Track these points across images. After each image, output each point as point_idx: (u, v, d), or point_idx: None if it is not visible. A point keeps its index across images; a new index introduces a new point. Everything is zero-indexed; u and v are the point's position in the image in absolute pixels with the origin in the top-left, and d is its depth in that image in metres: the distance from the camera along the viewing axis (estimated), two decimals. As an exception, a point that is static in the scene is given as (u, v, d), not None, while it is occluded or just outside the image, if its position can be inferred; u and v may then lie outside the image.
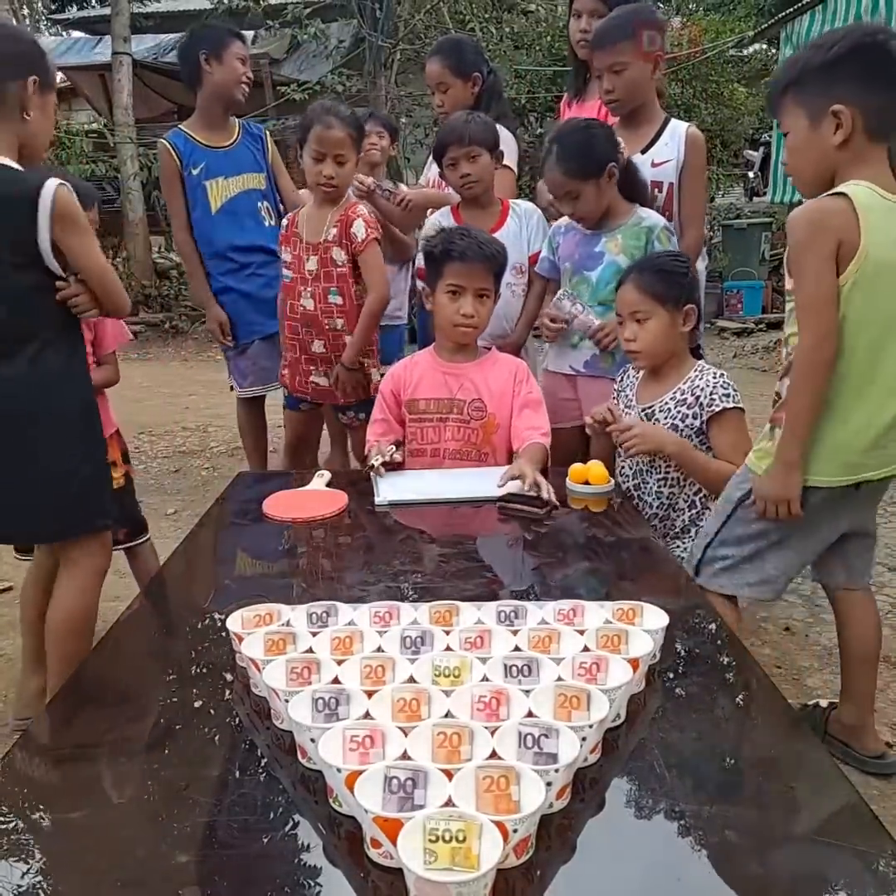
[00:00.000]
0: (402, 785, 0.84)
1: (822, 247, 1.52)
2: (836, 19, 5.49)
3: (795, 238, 1.58)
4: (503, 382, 2.15)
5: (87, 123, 9.45)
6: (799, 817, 0.92)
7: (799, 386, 1.61)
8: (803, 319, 1.58)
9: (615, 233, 2.33)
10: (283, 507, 1.85)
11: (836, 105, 1.51)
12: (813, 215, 1.55)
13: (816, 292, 1.54)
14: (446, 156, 2.51)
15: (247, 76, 3.05)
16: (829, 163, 1.57)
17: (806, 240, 1.55)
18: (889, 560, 3.09)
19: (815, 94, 1.54)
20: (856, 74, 1.50)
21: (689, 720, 1.11)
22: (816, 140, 1.56)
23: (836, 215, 1.52)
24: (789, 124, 1.60)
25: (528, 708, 0.96)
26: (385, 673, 1.05)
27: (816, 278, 1.54)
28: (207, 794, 0.96)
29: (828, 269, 1.53)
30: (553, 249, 2.49)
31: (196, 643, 1.34)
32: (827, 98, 1.52)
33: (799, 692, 2.29)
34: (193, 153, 3.02)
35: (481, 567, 1.57)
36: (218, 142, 3.07)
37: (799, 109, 1.57)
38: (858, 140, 1.53)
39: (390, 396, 2.23)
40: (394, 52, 9.34)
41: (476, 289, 2.10)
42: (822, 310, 1.54)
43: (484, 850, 0.76)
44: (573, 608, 1.21)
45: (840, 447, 1.64)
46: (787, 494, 1.66)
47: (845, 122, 1.51)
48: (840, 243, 1.52)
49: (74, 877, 0.86)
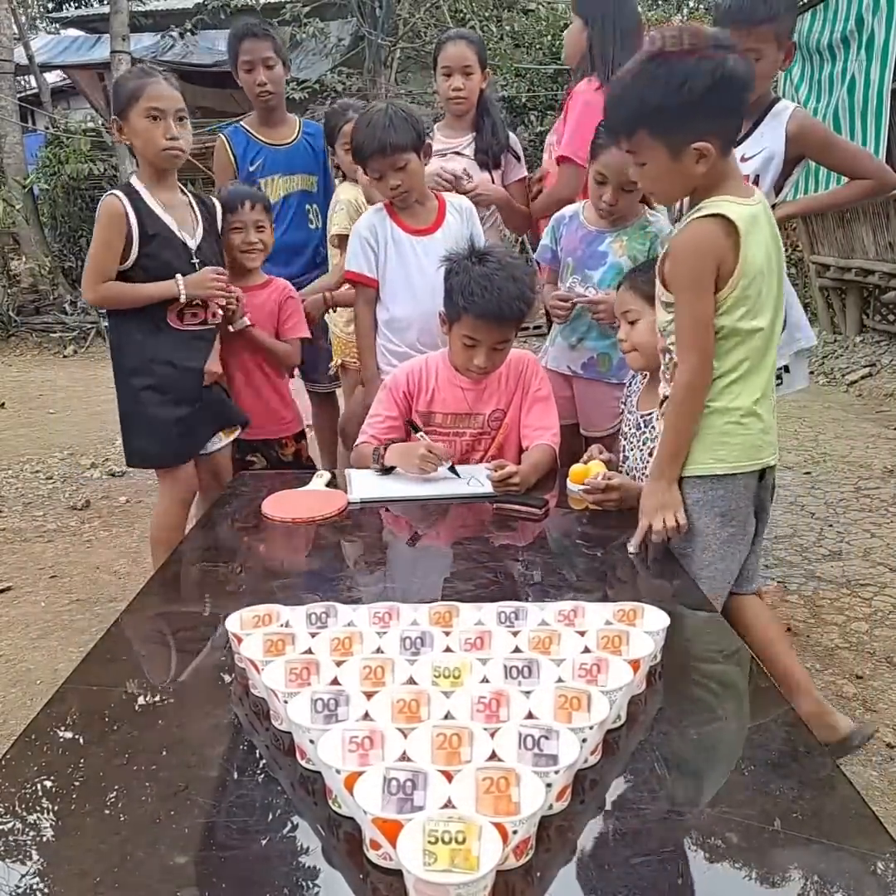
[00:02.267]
0: (401, 786, 0.84)
1: (703, 273, 1.55)
2: (838, 18, 5.49)
3: (679, 263, 1.59)
4: (514, 381, 2.13)
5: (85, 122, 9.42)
6: (799, 818, 0.92)
7: (681, 409, 1.63)
8: (684, 341, 1.60)
9: (621, 234, 2.32)
10: (282, 508, 1.85)
11: (699, 143, 1.49)
12: (694, 243, 1.57)
13: (698, 317, 1.57)
14: (369, 165, 2.33)
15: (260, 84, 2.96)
16: (691, 185, 1.59)
17: (689, 266, 1.57)
18: (889, 560, 3.09)
19: (675, 132, 1.51)
20: (716, 111, 1.49)
21: (689, 721, 1.10)
22: (678, 170, 1.55)
23: (717, 240, 1.54)
24: (646, 157, 1.57)
25: (529, 709, 0.96)
26: (384, 674, 1.05)
27: (700, 303, 1.57)
28: (206, 795, 0.96)
29: (708, 294, 1.56)
30: (555, 238, 2.44)
31: (195, 644, 1.34)
32: (687, 135, 1.50)
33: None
34: (251, 149, 3.04)
35: (481, 567, 1.56)
36: (278, 139, 3.07)
37: (657, 145, 1.53)
38: (717, 162, 1.54)
39: (402, 398, 2.15)
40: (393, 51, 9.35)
41: (493, 343, 2.02)
42: (702, 333, 1.58)
43: (483, 851, 0.76)
44: (574, 609, 1.21)
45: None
46: (673, 503, 1.65)
47: (709, 154, 1.51)
48: (720, 264, 1.55)
49: (73, 878, 0.85)
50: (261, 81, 2.94)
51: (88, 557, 3.39)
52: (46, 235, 9.04)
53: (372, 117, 2.31)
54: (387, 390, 2.18)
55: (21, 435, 5.26)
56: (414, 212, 2.45)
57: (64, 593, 3.05)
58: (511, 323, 2.00)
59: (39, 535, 3.64)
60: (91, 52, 11.85)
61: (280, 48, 3.00)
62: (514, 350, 2.14)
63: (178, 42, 10.08)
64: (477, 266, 1.98)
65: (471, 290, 1.94)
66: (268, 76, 2.94)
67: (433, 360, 2.18)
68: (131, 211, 2.24)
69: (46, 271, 8.65)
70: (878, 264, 5.97)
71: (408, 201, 2.41)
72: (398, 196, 2.38)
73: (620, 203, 2.24)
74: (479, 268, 1.97)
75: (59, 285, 8.76)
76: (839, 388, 5.76)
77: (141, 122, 2.22)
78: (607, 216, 2.30)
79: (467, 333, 2.00)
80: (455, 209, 2.50)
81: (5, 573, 3.22)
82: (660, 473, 1.68)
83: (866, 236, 6.04)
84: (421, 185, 2.42)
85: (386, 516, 1.89)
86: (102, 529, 3.70)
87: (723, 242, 1.54)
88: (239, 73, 3.00)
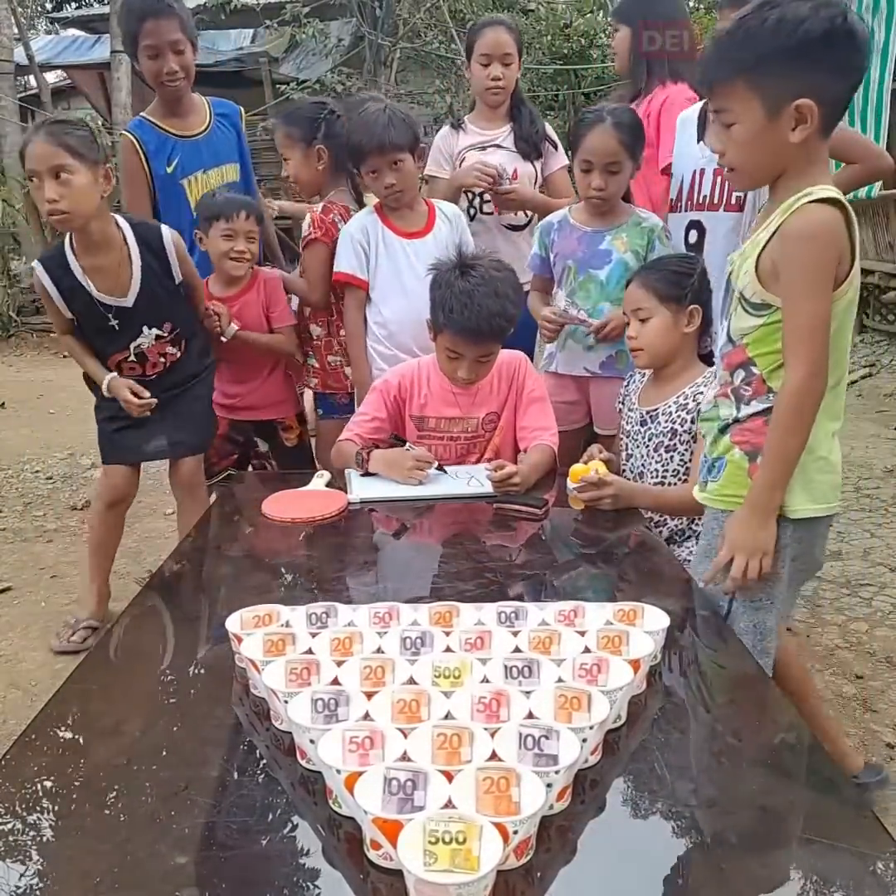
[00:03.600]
0: (401, 786, 0.84)
1: (829, 266, 1.35)
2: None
3: (801, 254, 1.36)
4: (507, 382, 2.13)
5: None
6: (799, 818, 0.92)
7: (789, 423, 1.39)
8: (797, 346, 1.38)
9: (619, 230, 2.32)
10: (282, 508, 1.84)
11: (801, 99, 1.31)
12: (822, 230, 1.35)
13: (817, 316, 1.36)
14: (366, 163, 2.34)
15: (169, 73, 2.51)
16: (783, 160, 1.39)
17: (814, 258, 1.36)
18: (889, 560, 3.09)
19: (777, 84, 1.32)
20: (824, 65, 1.30)
21: (689, 721, 1.10)
22: (772, 135, 1.35)
23: (837, 229, 1.35)
24: (739, 114, 1.37)
25: (529, 709, 0.96)
26: (385, 674, 1.05)
27: (820, 301, 1.36)
28: (206, 794, 0.96)
29: (829, 291, 1.37)
30: (545, 246, 2.44)
31: (195, 644, 1.34)
32: (791, 90, 1.31)
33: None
34: (163, 146, 2.58)
35: (482, 567, 1.57)
36: (191, 129, 2.62)
37: (754, 99, 1.34)
38: (814, 137, 1.36)
39: (393, 402, 2.14)
40: (393, 51, 9.35)
41: (475, 356, 2.00)
42: (818, 337, 1.37)
43: (484, 851, 0.76)
44: (574, 609, 1.21)
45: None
46: (768, 543, 1.43)
47: (811, 118, 1.32)
48: (840, 261, 1.37)
49: (73, 878, 0.86)
50: (170, 70, 2.48)
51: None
52: (46, 235, 9.03)
53: (370, 116, 2.31)
54: (377, 392, 2.16)
55: (21, 435, 5.26)
56: (404, 215, 2.45)
57: (64, 593, 3.05)
58: (492, 338, 1.99)
59: (40, 535, 3.64)
60: (91, 52, 11.85)
61: (187, 25, 2.51)
62: (504, 351, 2.13)
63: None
64: (459, 280, 1.94)
65: (451, 307, 1.92)
66: (178, 62, 2.49)
67: (425, 364, 2.17)
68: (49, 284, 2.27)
69: (47, 271, 8.65)
70: (877, 264, 5.97)
71: (401, 201, 2.41)
72: (392, 195, 2.37)
73: (609, 187, 2.24)
74: (461, 282, 1.94)
75: (59, 285, 8.77)
76: (839, 388, 5.75)
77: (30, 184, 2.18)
78: (599, 206, 2.30)
79: (449, 347, 2.00)
80: (445, 216, 2.50)
81: (5, 573, 3.22)
82: (755, 502, 1.44)
83: (866, 236, 6.04)
84: (414, 186, 2.42)
85: (386, 516, 1.89)
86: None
87: (843, 232, 1.35)
88: (140, 59, 2.52)
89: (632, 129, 2.22)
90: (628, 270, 2.24)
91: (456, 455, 2.14)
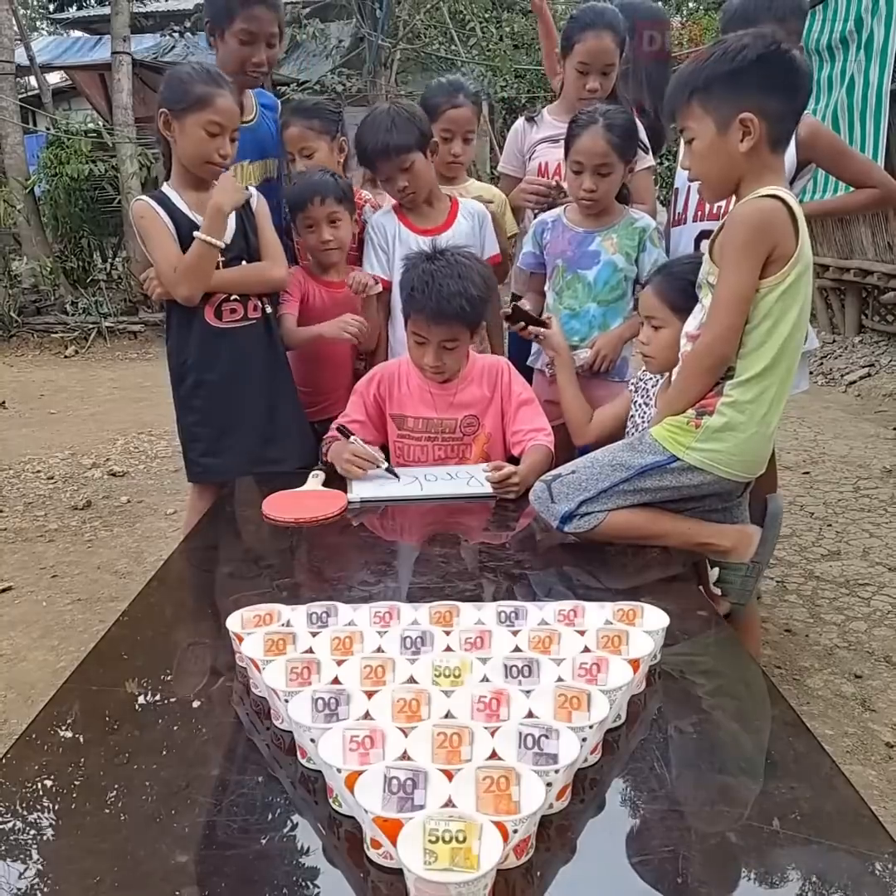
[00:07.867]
0: (402, 785, 0.84)
1: (759, 247, 1.53)
2: (837, 19, 5.48)
3: (735, 234, 1.56)
4: (489, 388, 2.11)
5: (86, 123, 9.43)
6: (799, 817, 0.92)
7: (691, 371, 1.63)
8: (716, 311, 1.57)
9: (609, 231, 2.32)
10: (282, 508, 1.85)
11: (743, 113, 1.52)
12: (757, 215, 1.55)
13: (737, 289, 1.55)
14: (377, 168, 2.33)
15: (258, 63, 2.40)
16: (736, 170, 1.59)
17: (746, 238, 1.54)
18: (888, 560, 3.09)
19: (723, 101, 1.54)
20: (761, 83, 1.52)
21: (689, 721, 1.10)
22: (724, 147, 1.57)
23: (778, 218, 1.53)
24: (696, 130, 1.60)
25: (529, 708, 0.96)
26: (385, 673, 1.05)
27: (743, 275, 1.54)
28: (207, 793, 0.96)
29: (754, 270, 1.54)
30: (539, 244, 2.44)
31: (196, 643, 1.34)
32: (735, 106, 1.53)
33: (799, 692, 2.30)
34: None
35: (482, 567, 1.57)
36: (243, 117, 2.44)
37: (706, 116, 1.57)
38: (762, 149, 1.55)
39: (372, 402, 2.13)
40: (394, 52, 9.35)
41: (439, 342, 1.99)
42: (734, 307, 1.55)
43: (484, 850, 0.76)
44: (573, 609, 1.21)
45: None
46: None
47: (753, 129, 1.53)
48: (775, 246, 1.53)
49: (73, 878, 0.86)
50: (260, 61, 2.39)
51: (89, 557, 3.40)
52: (48, 236, 9.04)
53: (374, 119, 2.30)
54: (357, 393, 2.16)
55: (22, 435, 5.26)
56: (423, 211, 2.44)
57: (65, 593, 3.06)
58: (454, 321, 1.96)
59: (41, 535, 3.65)
60: (92, 53, 11.86)
61: (283, 21, 2.45)
62: (485, 356, 2.13)
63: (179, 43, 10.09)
64: (424, 263, 1.97)
65: (412, 287, 1.96)
66: (269, 56, 2.41)
67: (405, 362, 2.16)
68: (162, 211, 2.16)
69: (47, 272, 8.65)
70: (876, 265, 5.97)
71: (416, 202, 2.40)
72: (406, 197, 2.38)
73: (600, 189, 2.24)
74: (426, 265, 1.97)
75: (60, 286, 8.76)
76: (838, 389, 5.76)
77: (196, 132, 2.09)
78: (590, 207, 2.30)
79: (414, 330, 2.01)
80: (468, 213, 2.47)
81: (6, 573, 3.22)
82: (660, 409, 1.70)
83: (865, 237, 6.04)
84: (429, 184, 2.40)
85: (386, 516, 1.89)
86: (103, 529, 3.70)
87: (782, 221, 1.53)
88: (226, 39, 2.35)
89: (624, 130, 2.22)
90: (617, 272, 2.26)
91: (434, 457, 2.13)
